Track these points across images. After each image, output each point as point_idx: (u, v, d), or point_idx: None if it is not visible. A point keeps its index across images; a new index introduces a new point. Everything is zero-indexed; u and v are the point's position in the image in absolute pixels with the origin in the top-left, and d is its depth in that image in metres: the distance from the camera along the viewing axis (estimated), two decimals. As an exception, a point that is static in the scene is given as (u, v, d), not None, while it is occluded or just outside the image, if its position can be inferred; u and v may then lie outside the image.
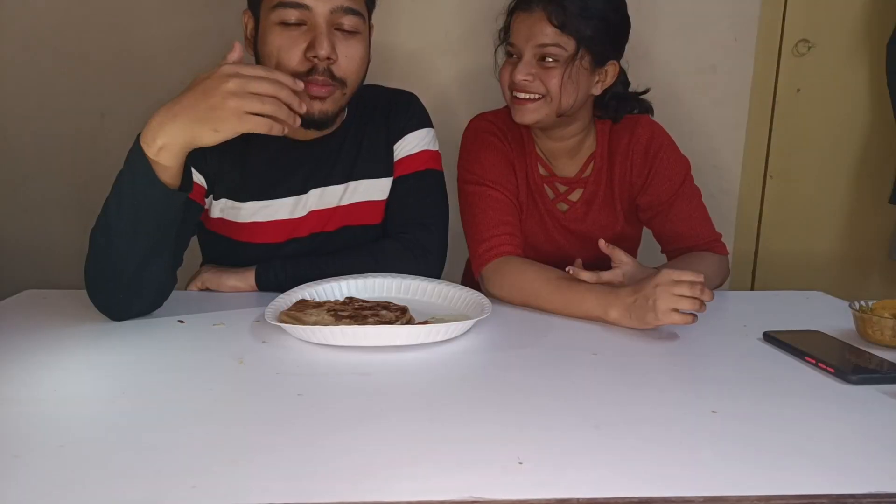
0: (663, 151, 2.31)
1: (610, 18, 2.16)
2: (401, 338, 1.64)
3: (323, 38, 1.90)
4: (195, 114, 1.63)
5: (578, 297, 1.91)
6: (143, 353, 1.61)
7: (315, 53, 1.90)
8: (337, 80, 1.97)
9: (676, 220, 2.31)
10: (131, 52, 3.25)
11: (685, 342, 1.75)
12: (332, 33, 1.93)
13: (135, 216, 1.70)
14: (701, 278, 1.77)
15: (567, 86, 2.16)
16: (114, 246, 1.72)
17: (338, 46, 1.94)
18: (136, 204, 1.69)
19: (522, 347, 1.69)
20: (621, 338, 1.77)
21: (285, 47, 1.91)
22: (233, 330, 1.76)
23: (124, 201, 1.69)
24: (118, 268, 1.74)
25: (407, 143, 2.23)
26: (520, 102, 2.20)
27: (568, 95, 2.18)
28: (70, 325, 1.79)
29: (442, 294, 1.98)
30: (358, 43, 1.98)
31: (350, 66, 1.98)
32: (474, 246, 2.19)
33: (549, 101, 2.18)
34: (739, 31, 3.42)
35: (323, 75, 1.94)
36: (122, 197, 1.69)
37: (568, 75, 2.15)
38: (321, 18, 1.91)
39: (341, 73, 1.97)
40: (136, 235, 1.72)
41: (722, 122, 3.49)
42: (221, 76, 1.63)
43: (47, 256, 3.38)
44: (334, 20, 1.92)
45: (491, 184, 2.25)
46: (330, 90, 1.97)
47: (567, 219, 2.37)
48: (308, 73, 1.93)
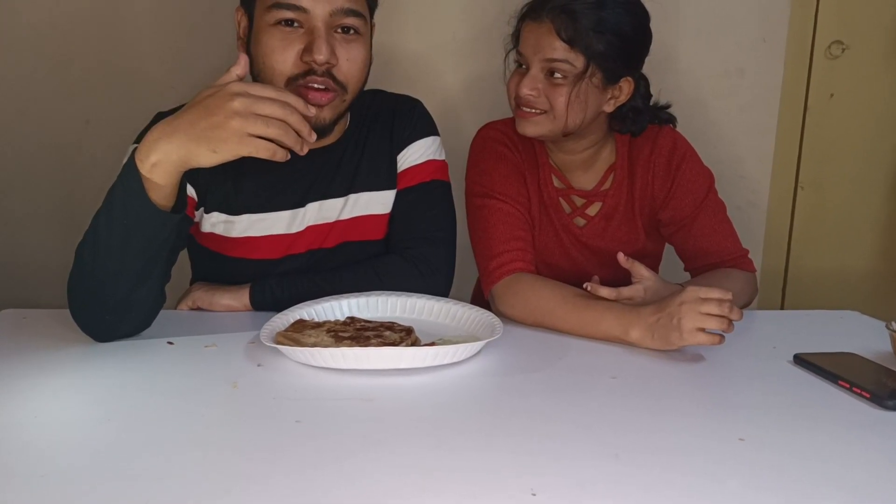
0: (686, 163, 2.31)
1: (626, 33, 2.14)
2: (405, 360, 1.64)
3: (321, 41, 1.89)
4: (194, 132, 1.63)
5: (596, 317, 1.91)
6: (130, 376, 1.61)
7: (312, 58, 1.89)
8: (339, 85, 1.96)
9: (700, 235, 2.31)
10: (118, 54, 3.25)
11: (711, 365, 1.75)
12: (332, 36, 1.92)
13: (125, 234, 1.70)
14: (729, 296, 1.77)
15: (574, 105, 2.15)
16: (101, 264, 1.72)
17: (337, 49, 1.93)
18: (127, 223, 1.69)
19: (536, 371, 1.70)
20: (643, 360, 1.77)
21: (279, 48, 1.91)
22: (226, 352, 1.76)
23: (114, 218, 1.69)
24: (105, 288, 1.74)
25: (411, 153, 2.23)
26: (522, 114, 2.20)
27: (574, 114, 2.17)
28: (52, 346, 1.79)
29: (450, 314, 1.98)
30: (359, 45, 1.98)
31: (352, 69, 1.97)
32: (484, 263, 2.19)
33: (552, 119, 2.18)
34: (768, 32, 3.41)
35: (323, 77, 1.93)
36: (113, 213, 1.69)
37: (575, 94, 2.14)
38: (319, 21, 1.90)
39: (343, 76, 1.96)
40: (125, 255, 1.72)
41: (749, 129, 3.48)
42: (227, 94, 1.62)
43: (28, 273, 3.38)
44: (333, 22, 1.92)
45: (501, 196, 2.25)
46: (330, 97, 1.96)
47: (584, 234, 2.36)
48: (304, 75, 1.92)
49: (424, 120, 2.29)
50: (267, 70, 1.93)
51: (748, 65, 3.42)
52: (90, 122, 3.27)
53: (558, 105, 2.15)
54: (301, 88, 1.92)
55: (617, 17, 2.12)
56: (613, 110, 2.26)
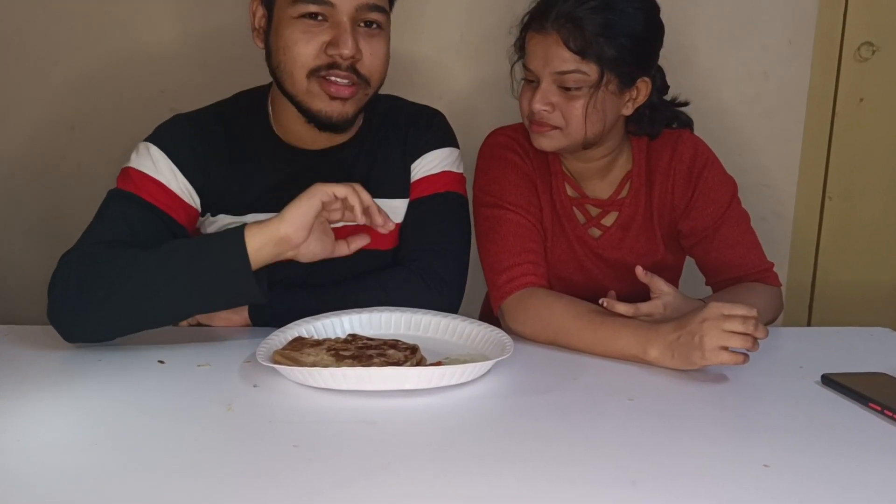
0: (708, 170, 2.30)
1: (638, 33, 2.13)
2: (410, 381, 1.64)
3: (347, 35, 1.95)
4: (289, 212, 1.89)
5: (613, 334, 1.91)
6: (118, 397, 1.62)
7: (339, 52, 1.96)
8: (362, 79, 2.02)
9: (723, 247, 2.30)
10: (105, 56, 3.26)
11: (734, 386, 1.75)
12: (356, 30, 1.98)
13: (190, 287, 1.84)
14: (754, 312, 1.77)
15: (591, 116, 2.15)
16: (140, 283, 1.84)
17: (361, 43, 1.99)
18: (205, 281, 1.85)
19: (549, 392, 1.70)
20: (662, 380, 1.77)
21: (303, 40, 1.97)
22: (220, 372, 1.77)
23: (186, 271, 1.84)
24: (126, 296, 1.84)
25: (427, 162, 2.24)
26: (538, 130, 2.20)
27: (593, 125, 2.16)
28: (36, 366, 1.79)
29: (457, 331, 1.98)
30: (382, 39, 2.05)
31: (374, 63, 2.03)
32: (493, 277, 2.19)
33: (569, 133, 2.17)
34: (794, 33, 3.40)
35: (346, 71, 1.98)
36: (187, 264, 1.84)
37: (592, 105, 2.13)
38: (345, 15, 1.95)
39: (366, 70, 2.02)
40: (173, 296, 1.86)
41: (774, 136, 3.48)
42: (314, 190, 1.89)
43: (9, 288, 3.38)
44: (358, 16, 1.97)
45: (511, 206, 2.25)
46: (353, 90, 2.02)
47: (600, 246, 2.36)
48: (327, 67, 1.98)
49: (444, 130, 2.31)
50: (289, 61, 2.00)
51: (773, 68, 3.41)
52: (75, 128, 3.27)
53: (575, 118, 2.14)
54: (323, 81, 1.99)
55: (626, 17, 2.11)
56: (632, 113, 2.26)
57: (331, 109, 2.03)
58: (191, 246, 1.87)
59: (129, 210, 2.00)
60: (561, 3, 2.09)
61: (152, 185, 2.04)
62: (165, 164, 2.06)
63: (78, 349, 1.87)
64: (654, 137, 2.35)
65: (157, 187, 2.04)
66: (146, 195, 2.02)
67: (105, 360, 1.82)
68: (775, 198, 3.51)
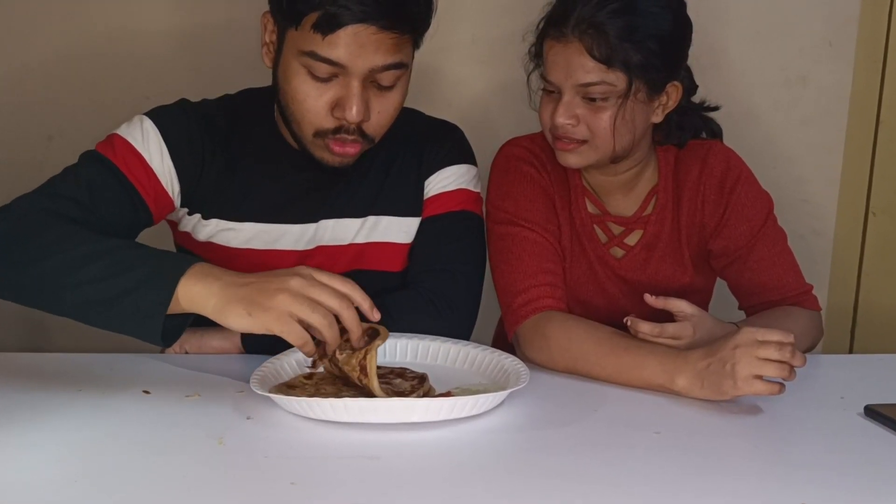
0: (741, 185, 2.30)
1: (666, 34, 2.12)
2: (418, 413, 1.64)
3: (354, 99, 1.95)
4: (240, 290, 1.69)
5: (637, 361, 1.91)
6: (101, 430, 1.62)
7: (344, 116, 1.96)
8: (367, 138, 2.03)
9: (757, 268, 2.30)
10: (85, 59, 3.26)
11: (769, 418, 1.75)
12: (367, 90, 1.97)
13: (102, 306, 1.75)
14: (791, 338, 1.77)
15: (620, 127, 2.14)
16: (55, 274, 1.78)
17: (371, 103, 1.99)
18: (115, 307, 1.74)
19: (567, 424, 1.70)
20: (690, 412, 1.77)
21: (310, 97, 1.97)
22: (210, 402, 1.77)
23: (102, 286, 1.75)
24: (39, 270, 1.81)
25: (441, 179, 2.25)
26: (562, 146, 2.19)
27: (622, 137, 2.16)
28: (8, 395, 1.79)
29: (469, 359, 1.99)
30: (396, 93, 2.04)
31: (383, 121, 2.04)
32: (508, 300, 2.19)
33: (596, 147, 2.17)
34: (835, 35, 3.40)
35: (353, 135, 1.99)
36: (111, 284, 1.74)
37: (621, 116, 2.13)
38: (356, 76, 1.94)
39: (372, 130, 2.03)
40: (83, 306, 1.78)
41: (813, 146, 3.47)
42: (292, 272, 1.71)
43: (-19, 312, 3.39)
44: (371, 76, 1.96)
45: (527, 224, 2.25)
46: (356, 150, 2.04)
47: (623, 267, 2.36)
48: (335, 130, 1.99)
49: (461, 146, 2.32)
50: (296, 114, 2.01)
51: (812, 72, 3.40)
52: (53, 137, 3.28)
53: (602, 131, 2.13)
54: (329, 140, 2.00)
55: (652, 18, 2.10)
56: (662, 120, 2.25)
57: (332, 160, 2.04)
58: (125, 255, 1.79)
59: (97, 175, 2.01)
60: (580, 8, 2.07)
61: (133, 158, 2.04)
62: (155, 141, 2.07)
63: (56, 379, 1.87)
64: (682, 146, 2.35)
65: (137, 161, 2.04)
66: (122, 166, 2.03)
67: (85, 391, 1.81)
68: (814, 214, 3.50)
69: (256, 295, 1.66)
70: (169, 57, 3.21)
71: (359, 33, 1.88)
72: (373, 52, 1.91)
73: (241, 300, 1.67)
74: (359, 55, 1.90)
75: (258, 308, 1.65)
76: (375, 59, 1.92)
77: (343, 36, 1.88)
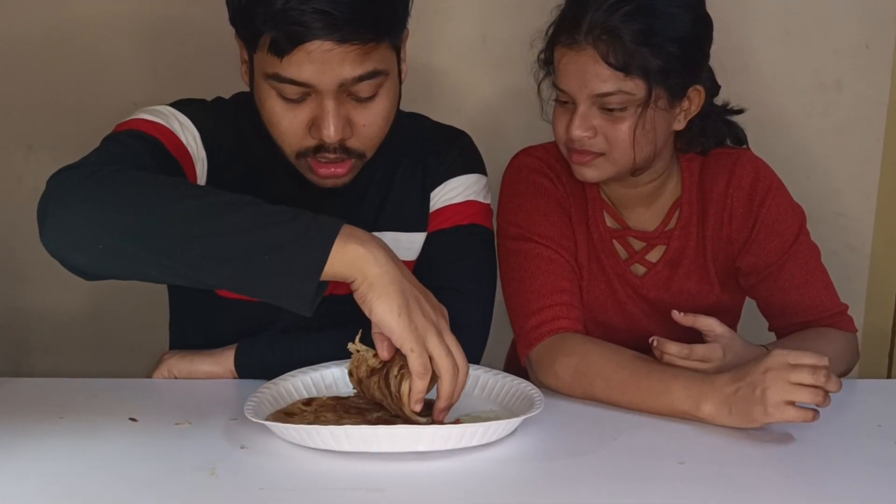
0: (771, 197, 2.29)
1: (686, 34, 2.12)
2: (424, 441, 1.64)
3: (329, 117, 1.92)
4: (405, 282, 1.69)
5: (661, 386, 1.91)
6: (84, 461, 1.62)
7: (320, 136, 1.94)
8: (353, 153, 2.01)
9: (788, 287, 2.30)
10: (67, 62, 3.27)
11: (802, 447, 1.75)
12: (344, 104, 1.95)
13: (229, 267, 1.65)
14: (825, 361, 1.76)
15: (640, 138, 2.13)
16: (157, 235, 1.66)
17: (352, 115, 1.97)
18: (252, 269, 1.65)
19: (585, 454, 1.70)
20: (717, 441, 1.77)
21: (285, 119, 1.96)
22: (202, 430, 1.77)
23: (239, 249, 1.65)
24: (150, 222, 1.67)
25: (448, 190, 2.25)
26: (578, 159, 2.18)
27: (642, 148, 2.15)
28: (-11, 423, 1.80)
29: (479, 384, 1.98)
30: (380, 101, 2.00)
31: (369, 133, 2.01)
32: (520, 321, 2.19)
33: (614, 160, 2.16)
34: (872, 36, 3.38)
35: (335, 152, 1.98)
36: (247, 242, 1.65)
37: (640, 126, 2.12)
38: (327, 94, 1.92)
39: (358, 144, 2.01)
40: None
41: (848, 155, 3.45)
42: (443, 312, 1.75)
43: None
44: (345, 89, 1.93)
45: (541, 239, 2.25)
46: (344, 169, 2.02)
47: (644, 285, 2.36)
48: (316, 149, 1.98)
49: (469, 154, 2.32)
50: (275, 136, 2.00)
51: (847, 76, 3.39)
52: (33, 147, 3.29)
53: (621, 143, 2.13)
54: (313, 160, 2.00)
55: (669, 19, 2.09)
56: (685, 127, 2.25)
57: (322, 182, 2.04)
58: (265, 209, 1.69)
59: (142, 145, 1.92)
60: (593, 12, 2.06)
61: (169, 134, 1.98)
62: (189, 125, 2.03)
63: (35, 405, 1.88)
64: (705, 153, 2.35)
65: (173, 138, 1.99)
66: (163, 139, 1.96)
67: (69, 418, 1.82)
68: (850, 228, 3.49)
69: (415, 306, 1.67)
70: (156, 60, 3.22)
71: (316, 50, 1.85)
72: (338, 65, 1.88)
73: (404, 293, 1.66)
74: (323, 71, 1.88)
75: (409, 318, 1.65)
76: (342, 72, 1.89)
77: (301, 54, 1.85)
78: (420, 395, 1.65)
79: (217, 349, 2.11)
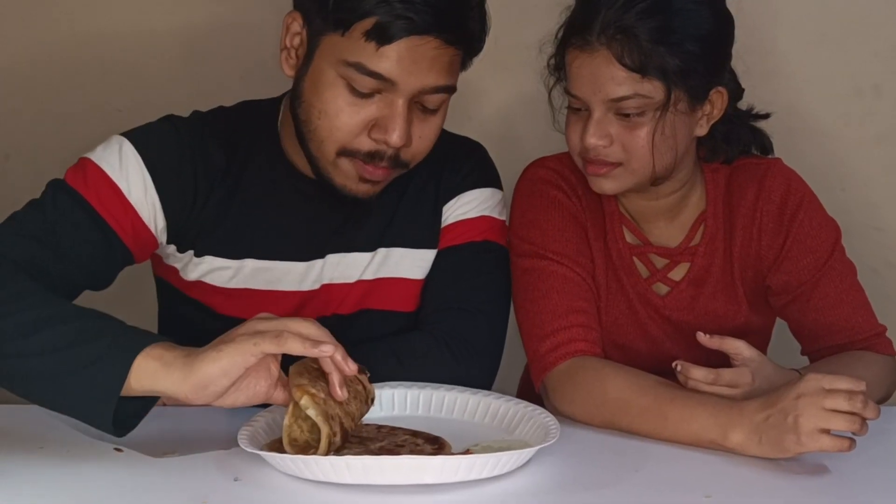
0: (804, 211, 2.29)
1: (705, 33, 2.12)
2: (431, 473, 1.64)
3: (398, 120, 1.95)
4: (203, 348, 1.68)
5: (685, 414, 1.91)
6: (66, 493, 1.63)
7: (385, 139, 1.95)
8: (401, 164, 2.03)
9: (822, 307, 2.30)
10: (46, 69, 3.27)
11: (837, 478, 1.75)
12: (411, 111, 1.97)
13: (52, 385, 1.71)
14: (862, 386, 1.76)
15: (660, 145, 2.13)
16: None
17: (413, 126, 1.99)
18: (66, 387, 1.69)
19: (604, 487, 1.71)
20: (746, 472, 1.77)
21: (346, 113, 1.96)
22: (191, 461, 1.77)
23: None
24: None
25: (462, 205, 2.26)
26: (594, 170, 2.18)
27: (662, 156, 2.15)
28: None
29: (490, 411, 1.99)
30: (438, 119, 2.06)
31: (422, 147, 2.05)
32: (534, 344, 2.19)
33: (633, 170, 2.16)
34: (911, 38, 3.40)
35: (386, 160, 1.99)
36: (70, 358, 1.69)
37: (660, 132, 2.12)
38: (403, 95, 1.94)
39: (409, 156, 2.04)
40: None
41: (887, 166, 3.41)
42: (265, 315, 1.71)
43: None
44: (418, 97, 1.96)
45: (555, 256, 2.24)
46: (388, 174, 2.04)
47: (667, 305, 2.36)
48: (369, 155, 1.98)
49: (484, 167, 2.34)
50: (323, 129, 1.99)
51: (887, 80, 3.35)
52: (10, 156, 3.29)
53: (639, 150, 2.12)
54: (357, 162, 2.00)
55: (688, 16, 2.10)
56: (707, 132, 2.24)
57: (357, 189, 2.04)
58: (83, 324, 1.74)
59: (65, 210, 1.98)
60: (605, 10, 2.06)
61: (107, 190, 2.02)
62: (136, 169, 2.04)
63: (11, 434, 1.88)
64: (730, 162, 2.35)
65: (112, 193, 2.02)
66: (94, 200, 2.00)
67: (48, 448, 1.82)
68: (888, 244, 3.46)
69: (225, 337, 1.68)
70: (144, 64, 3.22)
71: (417, 47, 1.88)
72: (427, 69, 1.92)
73: (206, 349, 1.66)
74: (411, 72, 1.91)
75: (225, 344, 1.65)
76: (428, 78, 1.93)
77: (399, 48, 1.88)
78: (324, 344, 1.67)
79: None
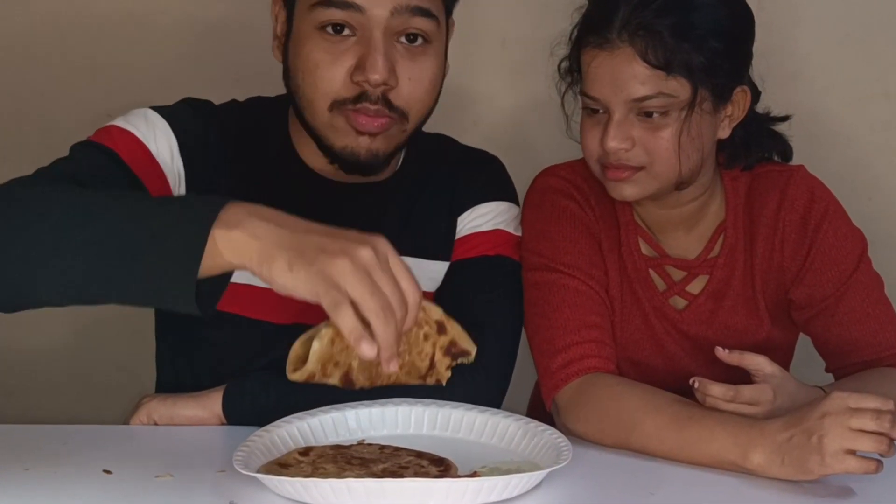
0: (828, 221, 2.29)
1: (727, 29, 2.12)
2: (437, 496, 1.63)
3: (376, 54, 1.94)
4: (295, 236, 1.55)
5: (704, 434, 1.90)
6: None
7: (365, 77, 1.95)
8: (395, 111, 2.02)
9: (847, 322, 2.29)
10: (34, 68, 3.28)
11: (863, 501, 1.75)
12: (392, 47, 1.98)
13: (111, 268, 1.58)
14: (891, 405, 1.76)
15: (686, 146, 2.12)
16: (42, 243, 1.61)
17: (399, 65, 1.99)
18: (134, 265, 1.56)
19: (619, 511, 1.70)
20: (768, 495, 1.77)
21: (325, 62, 1.97)
22: (185, 484, 1.77)
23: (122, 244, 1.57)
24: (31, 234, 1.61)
25: (476, 217, 2.27)
26: (614, 175, 2.17)
27: (689, 158, 2.14)
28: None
29: (499, 431, 1.98)
30: (428, 59, 2.04)
31: (415, 92, 2.03)
32: (545, 361, 2.19)
33: (656, 174, 2.16)
34: (942, 40, 3.39)
35: (377, 104, 1.98)
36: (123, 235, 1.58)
37: (686, 132, 2.11)
38: (377, 25, 1.94)
39: (402, 101, 2.02)
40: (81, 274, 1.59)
41: (916, 174, 3.46)
42: (367, 239, 1.56)
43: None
44: (396, 27, 1.97)
45: (567, 269, 2.24)
46: (384, 123, 2.02)
47: (685, 320, 2.35)
48: (356, 100, 1.98)
49: (500, 180, 2.34)
50: (308, 88, 2.01)
51: (915, 84, 3.38)
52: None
53: (663, 153, 2.12)
54: (349, 113, 1.99)
55: (707, 11, 2.10)
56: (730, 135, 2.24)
57: (357, 146, 2.03)
58: (141, 204, 1.66)
59: (93, 158, 1.96)
60: (624, 7, 2.06)
61: (137, 149, 2.01)
62: (164, 134, 2.06)
63: None
64: (750, 168, 2.35)
65: (142, 153, 2.02)
66: (125, 154, 1.99)
67: (34, 470, 1.81)
68: (917, 257, 3.47)
69: (310, 249, 1.51)
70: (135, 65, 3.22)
71: None
72: None
73: (290, 249, 1.52)
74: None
75: (306, 264, 1.49)
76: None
77: None
78: (366, 343, 1.49)
79: (202, 391, 2.11)
